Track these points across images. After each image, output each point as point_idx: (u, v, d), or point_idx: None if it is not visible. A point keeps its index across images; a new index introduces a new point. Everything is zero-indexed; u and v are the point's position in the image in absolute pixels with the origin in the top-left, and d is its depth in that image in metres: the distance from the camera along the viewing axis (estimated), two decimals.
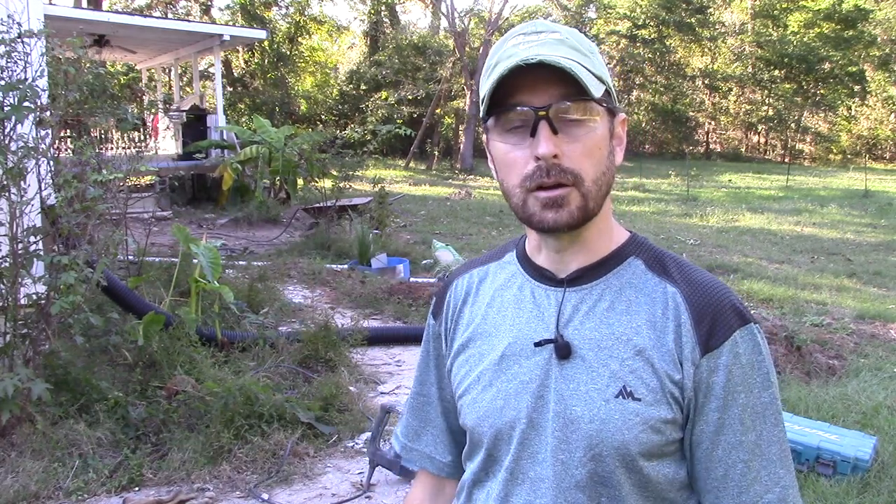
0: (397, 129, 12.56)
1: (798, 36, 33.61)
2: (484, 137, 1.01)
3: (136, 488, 3.34)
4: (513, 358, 1.00)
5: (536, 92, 0.90)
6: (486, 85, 0.93)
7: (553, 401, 0.96)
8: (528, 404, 0.97)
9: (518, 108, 0.91)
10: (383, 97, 27.89)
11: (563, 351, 0.96)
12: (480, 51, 25.31)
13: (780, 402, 0.95)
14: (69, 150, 4.90)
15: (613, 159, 0.97)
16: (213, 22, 25.09)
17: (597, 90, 0.91)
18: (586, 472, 0.93)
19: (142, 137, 12.86)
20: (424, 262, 8.61)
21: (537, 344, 0.98)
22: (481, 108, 0.96)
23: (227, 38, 14.06)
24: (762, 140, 37.40)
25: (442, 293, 1.15)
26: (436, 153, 26.43)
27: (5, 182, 3.56)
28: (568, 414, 0.94)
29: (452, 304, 1.12)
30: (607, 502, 0.94)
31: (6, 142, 3.57)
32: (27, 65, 3.74)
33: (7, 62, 3.65)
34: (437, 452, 1.17)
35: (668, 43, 34.12)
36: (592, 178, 0.93)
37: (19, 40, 3.67)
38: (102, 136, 9.62)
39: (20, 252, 3.60)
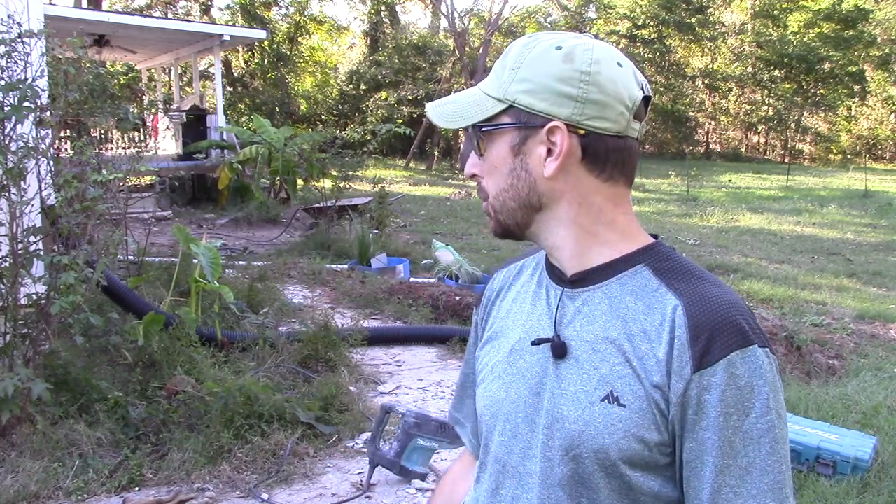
0: (396, 129, 12.56)
1: (798, 36, 33.60)
2: None
3: (136, 488, 3.34)
4: (519, 353, 1.02)
5: None
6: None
7: (547, 398, 0.97)
8: (525, 399, 0.99)
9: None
10: (383, 97, 27.89)
11: (559, 350, 0.97)
12: (480, 51, 25.31)
13: (782, 430, 0.91)
14: (69, 151, 4.90)
15: (525, 174, 0.97)
16: (213, 22, 25.09)
17: (476, 115, 0.98)
18: (568, 472, 0.94)
19: (142, 137, 12.86)
20: (424, 262, 8.61)
21: (534, 342, 1.00)
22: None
23: (227, 38, 14.05)
24: (762, 140, 37.41)
25: (487, 285, 1.21)
26: (436, 153, 26.41)
27: (5, 182, 3.56)
28: (556, 412, 0.96)
29: (488, 295, 1.17)
30: (586, 503, 0.94)
31: (6, 142, 3.57)
32: (27, 65, 3.74)
33: (7, 62, 3.64)
34: (474, 433, 1.22)
35: (668, 43, 34.11)
36: (493, 194, 1.01)
37: (19, 40, 3.67)
38: (102, 136, 9.62)
39: (20, 252, 3.60)
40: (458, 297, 6.43)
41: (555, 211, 0.98)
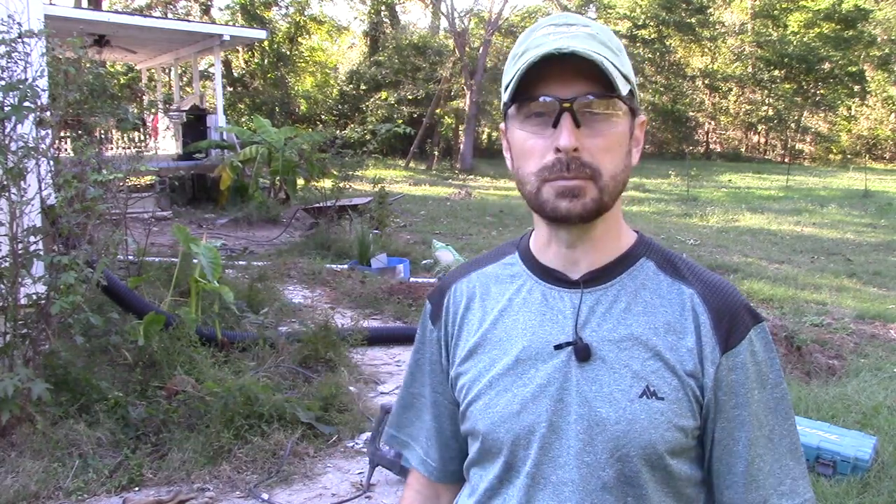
0: (396, 128, 12.56)
1: (798, 36, 33.60)
2: (502, 126, 1.01)
3: (136, 488, 3.34)
4: (528, 362, 0.98)
5: (563, 83, 0.90)
6: (511, 71, 0.93)
7: (575, 403, 0.95)
8: (547, 408, 0.96)
9: (543, 98, 0.91)
10: (383, 97, 27.89)
11: (583, 353, 0.95)
12: (480, 51, 25.32)
13: (790, 396, 0.98)
14: (68, 151, 4.89)
15: (630, 160, 0.97)
16: (213, 22, 25.08)
17: (623, 88, 0.91)
18: (613, 473, 0.93)
19: (142, 137, 12.85)
20: (424, 262, 8.61)
21: (557, 347, 0.96)
22: (504, 95, 0.95)
23: (227, 38, 14.05)
24: (762, 140, 37.40)
25: (439, 298, 1.11)
26: (436, 153, 26.43)
27: (5, 182, 3.56)
28: (593, 416, 0.93)
29: (452, 309, 1.09)
30: (633, 502, 0.94)
31: (6, 142, 3.57)
32: (27, 65, 3.74)
33: (7, 62, 3.65)
34: (428, 455, 1.16)
35: (668, 43, 34.11)
36: (611, 173, 0.93)
37: (20, 40, 3.67)
38: (102, 137, 9.61)
39: (20, 252, 3.60)
40: None
41: (618, 202, 1.00)
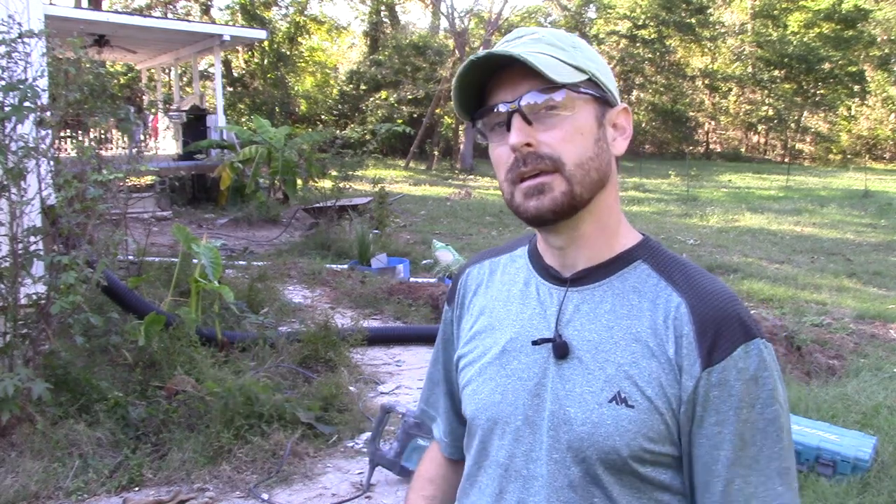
0: (396, 128, 12.56)
1: (798, 36, 33.63)
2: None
3: (136, 488, 3.34)
4: (513, 353, 1.00)
5: (510, 89, 0.93)
6: (455, 90, 0.97)
7: (549, 400, 0.95)
8: (524, 401, 0.97)
9: (495, 108, 0.94)
10: (383, 97, 27.90)
11: (561, 351, 0.95)
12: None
13: (786, 419, 0.93)
14: (70, 152, 4.89)
15: (606, 147, 0.96)
16: (213, 22, 25.09)
17: (569, 77, 0.92)
18: (579, 473, 0.93)
19: (142, 137, 12.85)
20: (424, 262, 8.61)
21: (535, 342, 0.98)
22: (470, 116, 1.00)
23: (227, 38, 14.06)
24: (762, 140, 37.42)
25: (456, 280, 1.17)
26: (436, 153, 26.43)
27: (5, 182, 3.56)
28: (562, 414, 0.94)
29: (463, 292, 1.14)
30: (600, 503, 0.93)
31: (6, 142, 3.57)
32: (27, 65, 3.74)
33: (7, 62, 3.65)
34: (440, 430, 1.21)
35: (668, 43, 34.10)
36: (574, 161, 0.92)
37: (20, 40, 3.68)
38: (102, 137, 9.62)
39: (20, 252, 3.60)
40: None
41: (605, 193, 0.98)
